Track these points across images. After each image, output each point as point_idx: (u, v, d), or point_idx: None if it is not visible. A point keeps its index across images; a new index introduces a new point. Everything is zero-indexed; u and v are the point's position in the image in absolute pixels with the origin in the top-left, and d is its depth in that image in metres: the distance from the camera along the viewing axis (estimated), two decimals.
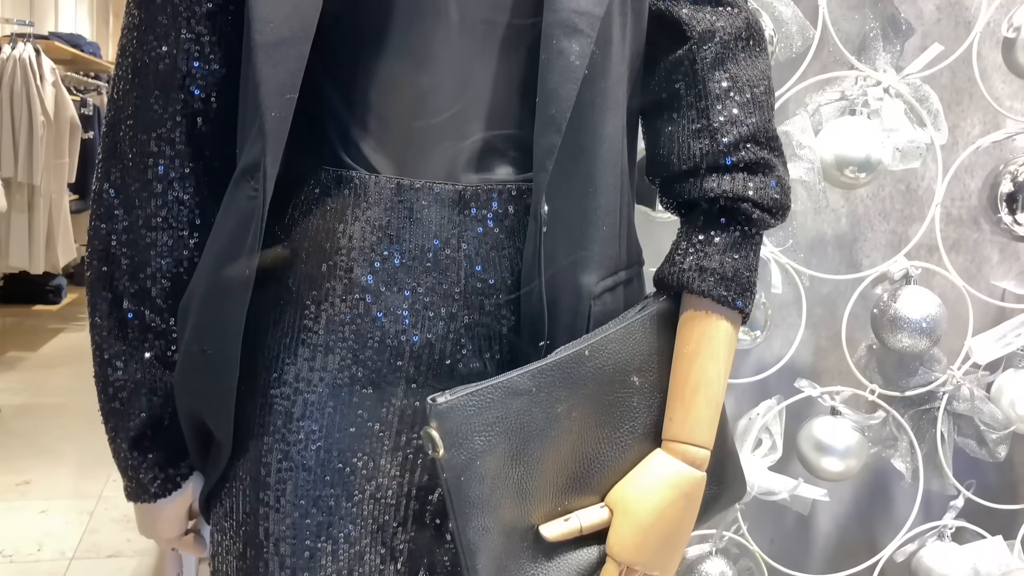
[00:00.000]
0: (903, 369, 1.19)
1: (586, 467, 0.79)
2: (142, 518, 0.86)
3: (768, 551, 1.22)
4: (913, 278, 1.17)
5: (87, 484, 3.24)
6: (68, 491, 3.18)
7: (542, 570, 0.78)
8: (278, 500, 0.77)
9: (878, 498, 1.32)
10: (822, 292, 1.35)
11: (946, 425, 1.18)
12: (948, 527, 1.22)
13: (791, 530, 1.28)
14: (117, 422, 0.82)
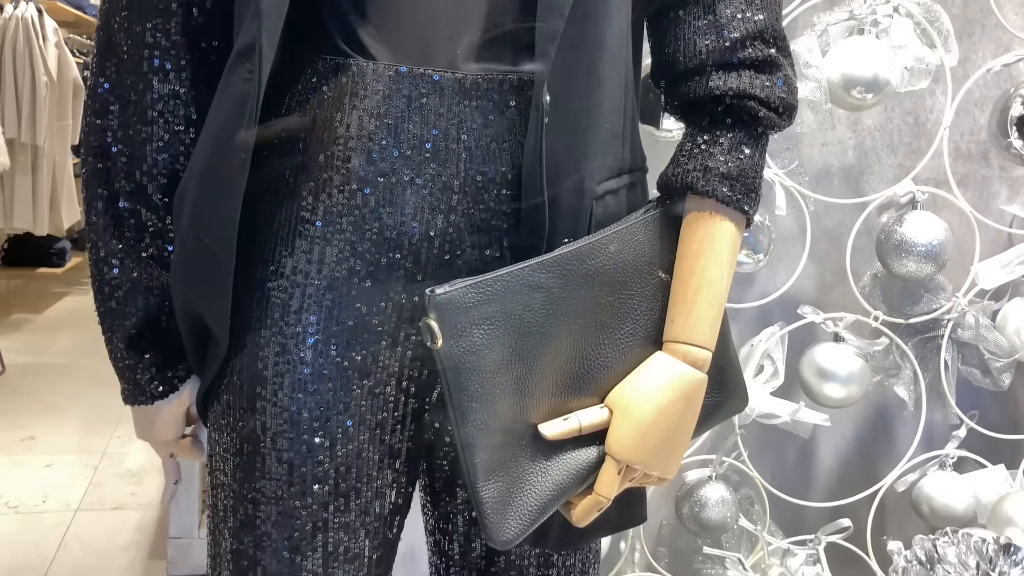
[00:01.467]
0: (908, 297, 1.18)
1: (586, 368, 0.79)
2: (139, 421, 0.86)
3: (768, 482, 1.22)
4: (920, 203, 1.15)
5: (91, 440, 3.25)
6: (73, 446, 3.20)
7: (540, 468, 0.78)
8: (275, 394, 0.77)
9: (879, 429, 1.31)
10: (828, 225, 1.34)
11: (950, 353, 1.18)
12: (950, 457, 1.21)
13: (792, 461, 1.27)
14: (113, 321, 0.81)
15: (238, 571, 0.80)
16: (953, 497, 1.16)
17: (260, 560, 0.79)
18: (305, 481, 0.77)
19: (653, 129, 1.07)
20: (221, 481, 0.81)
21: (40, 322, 4.51)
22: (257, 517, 0.79)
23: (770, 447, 1.27)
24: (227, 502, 0.81)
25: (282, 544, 0.79)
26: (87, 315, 4.34)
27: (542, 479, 0.77)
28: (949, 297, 1.19)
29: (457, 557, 0.89)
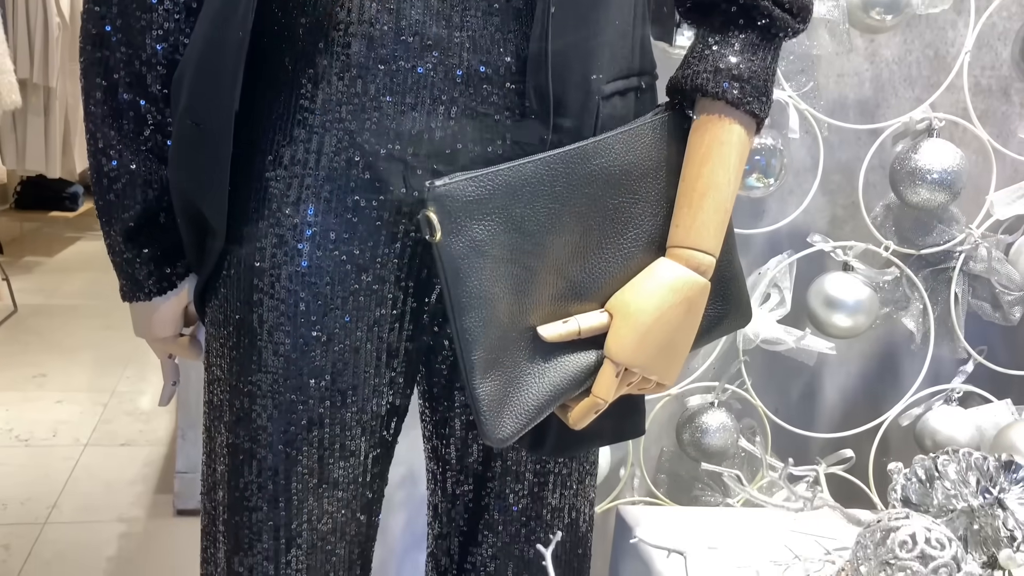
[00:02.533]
0: (920, 228, 1.16)
1: (587, 273, 0.78)
2: (137, 318, 0.86)
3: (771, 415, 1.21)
4: (936, 131, 1.13)
5: (101, 379, 3.28)
6: (83, 385, 3.23)
7: (538, 370, 0.77)
8: (272, 287, 0.76)
9: (885, 365, 1.30)
10: (840, 158, 1.32)
11: (960, 286, 1.16)
12: (956, 391, 1.20)
13: (795, 395, 1.27)
14: (111, 214, 0.81)
15: (233, 465, 0.80)
16: (957, 430, 1.15)
17: (255, 454, 0.79)
18: (302, 375, 0.77)
19: (666, 46, 1.05)
20: (217, 376, 0.81)
21: (52, 265, 4.54)
22: (253, 411, 0.79)
23: (774, 380, 1.26)
24: (223, 397, 0.81)
25: (278, 438, 0.78)
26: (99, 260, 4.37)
27: (539, 380, 0.77)
28: (962, 229, 1.17)
29: (454, 462, 0.89)
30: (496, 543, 0.89)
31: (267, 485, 0.79)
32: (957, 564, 0.77)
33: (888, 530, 0.79)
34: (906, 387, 1.23)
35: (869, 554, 0.79)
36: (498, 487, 0.88)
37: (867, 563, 0.79)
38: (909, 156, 1.12)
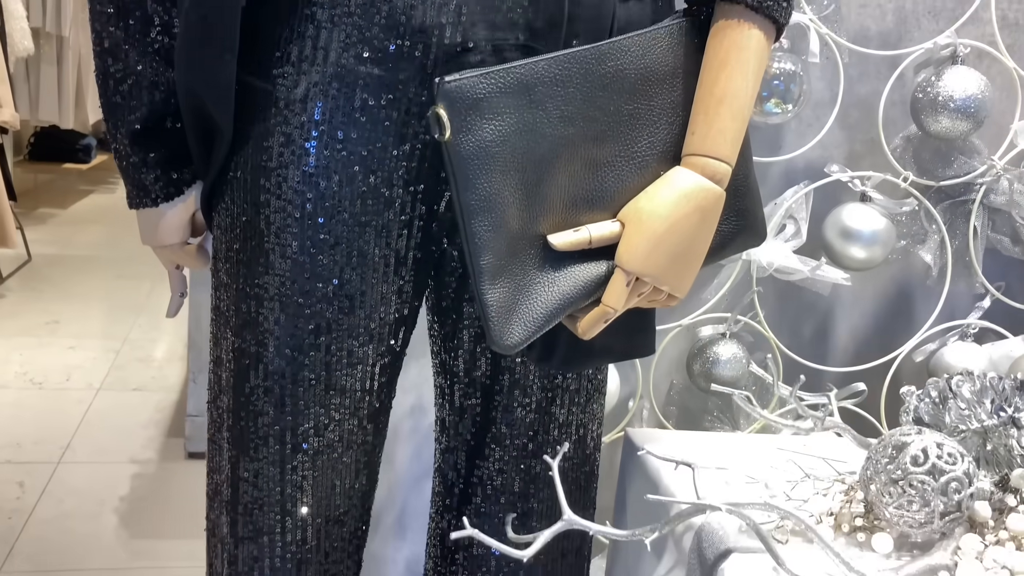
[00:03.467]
0: (941, 159, 1.13)
1: (600, 181, 0.76)
2: (144, 224, 0.85)
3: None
4: (961, 58, 1.10)
5: (114, 327, 3.30)
6: (96, 332, 3.25)
7: (548, 279, 0.76)
8: (279, 187, 0.75)
9: (900, 301, 1.28)
10: (860, 92, 1.29)
11: (980, 219, 1.14)
12: (971, 327, 1.19)
13: (808, 331, 1.25)
14: (118, 116, 0.80)
15: (239, 369, 0.80)
16: (971, 366, 1.14)
17: (262, 357, 0.79)
18: (309, 278, 0.76)
19: None
20: (224, 281, 0.81)
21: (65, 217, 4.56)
22: (260, 314, 0.78)
23: (787, 316, 1.25)
24: (230, 302, 0.80)
25: (284, 342, 0.78)
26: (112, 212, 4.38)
27: (549, 289, 0.76)
28: (984, 160, 1.14)
29: (462, 375, 0.88)
30: (503, 457, 0.89)
31: (273, 389, 0.79)
32: (969, 479, 0.76)
33: (899, 446, 0.78)
34: (921, 323, 1.22)
35: (879, 469, 0.78)
36: (506, 401, 0.87)
37: (877, 478, 0.78)
38: (932, 83, 1.09)
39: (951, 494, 0.76)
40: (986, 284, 1.19)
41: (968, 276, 1.18)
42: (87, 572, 1.96)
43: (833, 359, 1.25)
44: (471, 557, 0.92)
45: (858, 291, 1.27)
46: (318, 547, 0.85)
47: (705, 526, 0.81)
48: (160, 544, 2.09)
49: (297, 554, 0.83)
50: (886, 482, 0.78)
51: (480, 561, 0.91)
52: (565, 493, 0.76)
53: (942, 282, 1.18)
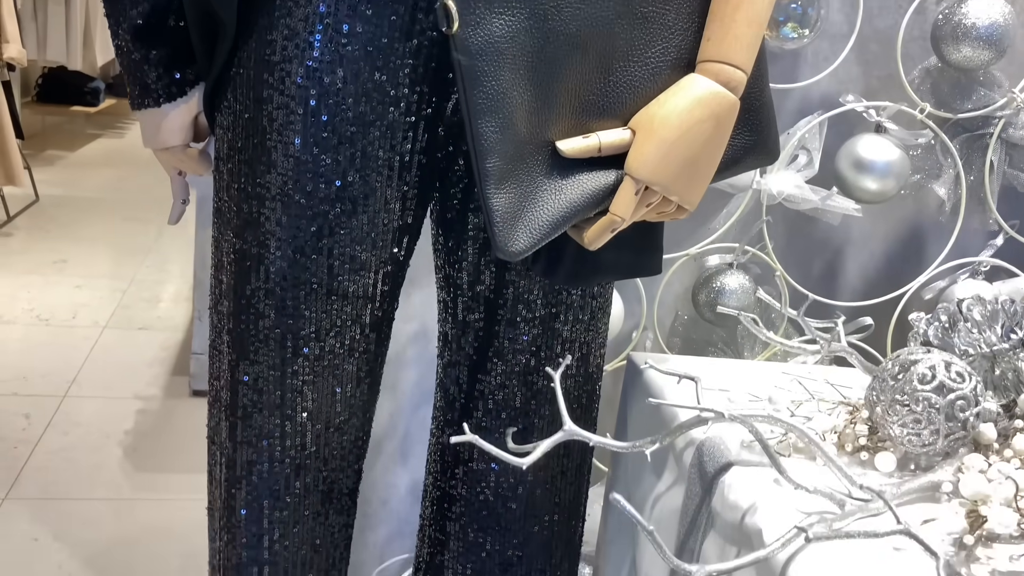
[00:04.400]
0: (959, 91, 1.11)
1: (611, 86, 0.74)
2: (146, 126, 0.84)
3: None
4: None
5: (121, 268, 3.31)
6: (102, 272, 3.25)
7: (555, 186, 0.75)
8: (282, 81, 0.74)
9: (911, 239, 1.27)
10: (879, 26, 1.26)
11: (997, 154, 1.12)
12: (983, 264, 1.17)
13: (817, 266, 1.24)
14: (118, 12, 0.78)
15: (240, 271, 0.79)
16: None
17: (263, 259, 0.78)
18: (311, 177, 0.75)
19: None
20: (226, 181, 0.80)
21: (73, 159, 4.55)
22: (261, 215, 0.77)
23: (795, 250, 1.23)
24: (231, 202, 0.79)
25: (286, 243, 0.77)
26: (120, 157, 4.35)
27: (556, 196, 0.74)
28: (1005, 92, 1.12)
29: (465, 287, 0.87)
30: (505, 371, 0.88)
31: (274, 292, 0.78)
32: (976, 398, 0.75)
33: (907, 364, 0.77)
34: (931, 261, 1.20)
35: (886, 387, 0.77)
36: (509, 315, 0.86)
37: (883, 396, 0.77)
38: (954, 10, 1.06)
39: (957, 413, 0.75)
40: (1000, 221, 1.17)
41: (982, 213, 1.16)
42: (91, 502, 1.98)
43: (841, 295, 1.24)
44: (471, 472, 0.92)
45: (868, 227, 1.25)
46: (317, 453, 0.84)
47: (706, 441, 0.81)
48: (163, 477, 2.11)
49: (296, 459, 0.83)
50: (892, 400, 0.77)
51: (480, 476, 0.91)
52: (567, 412, 0.76)
53: (955, 218, 1.17)
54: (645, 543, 0.90)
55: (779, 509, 0.70)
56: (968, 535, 0.65)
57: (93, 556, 1.78)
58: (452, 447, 0.93)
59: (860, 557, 0.64)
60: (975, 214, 1.17)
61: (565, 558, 0.96)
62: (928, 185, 1.16)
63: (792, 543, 0.63)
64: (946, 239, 1.19)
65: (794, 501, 0.71)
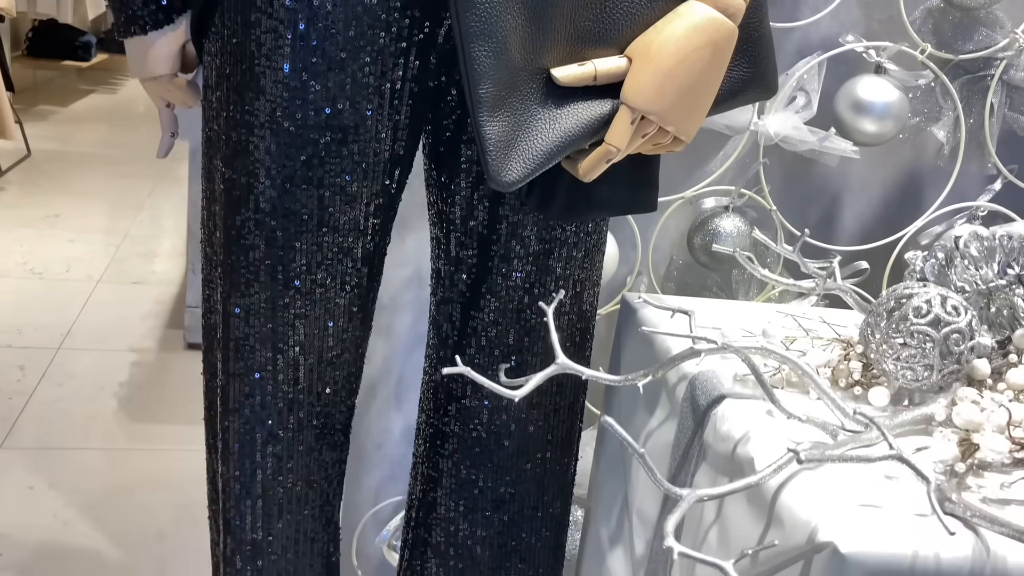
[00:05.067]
0: (961, 32, 1.09)
1: (608, 13, 0.73)
2: (133, 55, 0.82)
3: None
4: None
5: (115, 223, 3.29)
6: (96, 227, 3.24)
7: (550, 115, 0.73)
8: (270, 4, 0.72)
9: (909, 183, 1.26)
10: None
11: (998, 96, 1.11)
12: (980, 209, 1.16)
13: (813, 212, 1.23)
14: None
15: (230, 201, 0.78)
16: None
17: (253, 188, 0.77)
18: (300, 104, 0.74)
19: None
20: (215, 109, 0.78)
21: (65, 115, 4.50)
22: (250, 143, 0.76)
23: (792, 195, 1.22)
24: (220, 131, 0.78)
25: (276, 171, 0.76)
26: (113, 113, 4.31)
27: (550, 126, 0.73)
28: (1007, 33, 1.10)
29: (458, 223, 0.87)
30: (498, 308, 0.87)
31: (265, 222, 0.78)
32: (971, 332, 0.75)
33: (902, 298, 0.77)
34: (928, 207, 1.19)
35: (881, 321, 0.77)
36: (502, 251, 0.86)
37: (878, 330, 0.77)
38: None
39: (951, 347, 0.75)
40: (999, 165, 1.16)
41: (980, 157, 1.15)
42: (86, 451, 1.98)
43: (838, 240, 1.23)
44: (464, 409, 0.91)
45: (866, 172, 1.24)
46: (310, 388, 0.84)
47: (699, 375, 0.81)
48: (158, 428, 2.11)
49: (289, 393, 0.83)
50: (887, 334, 0.76)
51: (473, 413, 0.91)
52: (559, 347, 0.75)
53: (953, 162, 1.16)
54: (637, 480, 0.91)
55: (771, 440, 0.70)
56: (960, 463, 0.65)
57: (89, 504, 1.79)
58: (445, 385, 0.93)
59: (851, 485, 0.64)
60: (974, 159, 1.16)
61: (558, 496, 0.96)
62: (927, 128, 1.14)
63: (784, 470, 0.63)
64: (943, 184, 1.18)
65: (787, 432, 0.71)
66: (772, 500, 0.63)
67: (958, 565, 0.59)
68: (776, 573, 0.62)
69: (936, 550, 0.59)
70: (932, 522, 0.61)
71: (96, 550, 1.68)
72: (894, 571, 0.58)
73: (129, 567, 1.64)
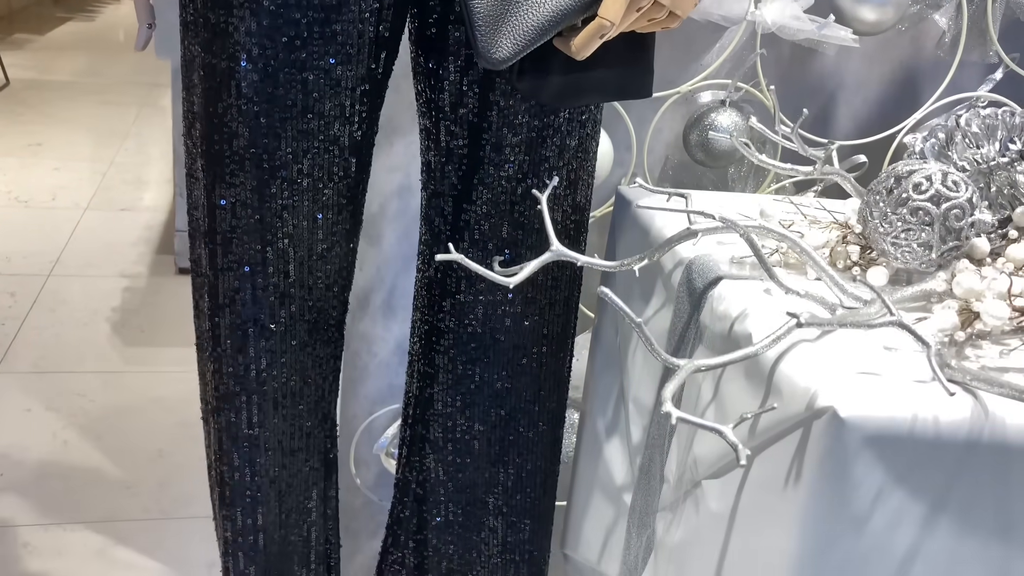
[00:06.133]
0: None
1: None
2: None
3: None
4: None
5: (100, 150, 3.24)
6: (81, 155, 3.19)
7: None
8: None
9: (908, 76, 1.23)
10: None
11: None
12: (980, 100, 1.14)
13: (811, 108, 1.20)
14: None
15: (210, 89, 0.76)
16: None
17: (234, 73, 0.74)
18: None
19: None
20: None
21: (43, 43, 4.39)
22: (230, 24, 0.73)
23: (790, 90, 1.20)
24: (198, 15, 0.75)
25: (257, 55, 0.73)
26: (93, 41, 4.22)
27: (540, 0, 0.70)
28: None
29: (447, 110, 0.84)
30: (490, 199, 0.86)
31: (248, 109, 0.75)
32: (972, 206, 0.74)
33: (901, 175, 0.75)
34: (927, 100, 1.17)
35: (880, 199, 0.76)
36: (494, 139, 0.83)
37: (877, 208, 0.76)
38: None
39: (952, 222, 0.73)
40: (1001, 53, 1.13)
41: (982, 46, 1.13)
42: (81, 374, 1.98)
43: (834, 136, 1.21)
44: (458, 304, 0.91)
45: (864, 67, 1.21)
46: (301, 282, 0.83)
47: (695, 259, 0.80)
48: (152, 351, 2.11)
49: (279, 287, 0.82)
50: (886, 212, 0.75)
51: (468, 308, 0.90)
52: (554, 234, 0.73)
53: (953, 53, 1.13)
54: (633, 368, 0.90)
55: (769, 317, 0.69)
56: (959, 332, 0.64)
57: (87, 425, 1.80)
58: (440, 280, 0.91)
59: (850, 356, 0.64)
60: (975, 48, 1.13)
61: (554, 391, 0.96)
62: (928, 16, 1.11)
63: (783, 340, 0.62)
64: (943, 78, 1.16)
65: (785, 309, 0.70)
66: (770, 372, 0.63)
67: (957, 428, 0.58)
68: (775, 443, 0.62)
69: (935, 413, 0.58)
70: (931, 388, 0.60)
71: (97, 468, 1.69)
72: (894, 435, 0.58)
73: (130, 484, 1.65)
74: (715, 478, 0.69)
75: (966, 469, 0.59)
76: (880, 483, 0.59)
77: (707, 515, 0.70)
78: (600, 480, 0.96)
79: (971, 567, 0.62)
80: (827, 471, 0.58)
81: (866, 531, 0.60)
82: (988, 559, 0.62)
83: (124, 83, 3.83)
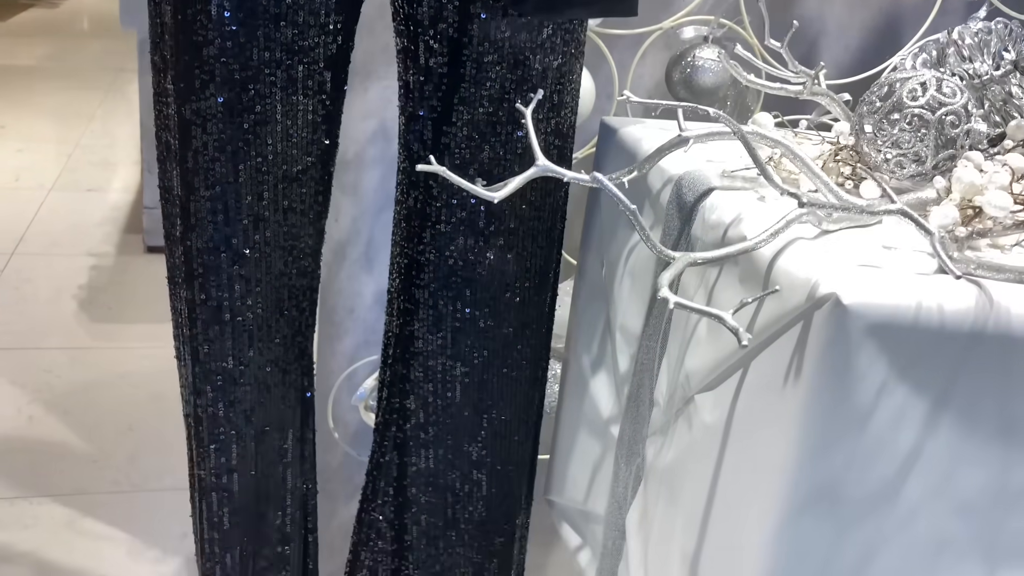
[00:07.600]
0: None
1: None
2: None
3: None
4: None
5: (65, 132, 3.16)
6: (45, 136, 3.11)
7: None
8: None
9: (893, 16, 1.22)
10: None
11: None
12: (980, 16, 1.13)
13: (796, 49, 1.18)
14: None
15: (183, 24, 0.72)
16: None
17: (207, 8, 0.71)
18: None
19: None
20: None
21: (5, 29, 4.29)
22: None
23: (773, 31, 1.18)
24: None
25: None
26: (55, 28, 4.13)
27: None
28: None
29: (427, 24, 0.80)
30: (471, 121, 0.82)
31: (218, 15, 0.71)
32: (967, 113, 0.72)
33: (895, 84, 0.74)
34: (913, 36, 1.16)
35: (873, 109, 0.74)
36: (475, 55, 0.80)
37: (870, 118, 0.74)
38: None
39: (947, 129, 0.72)
40: None
41: None
42: (47, 350, 1.93)
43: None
44: (438, 235, 0.87)
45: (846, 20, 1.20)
46: (275, 204, 0.79)
47: (685, 174, 0.77)
48: (120, 327, 2.05)
49: (253, 209, 0.78)
50: (880, 121, 0.73)
51: (448, 239, 0.87)
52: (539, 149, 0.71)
53: None
54: (620, 296, 0.88)
55: (764, 219, 0.67)
56: (960, 227, 0.62)
57: (54, 400, 1.74)
58: (419, 211, 0.88)
59: (850, 251, 0.62)
60: None
61: (537, 328, 0.93)
62: None
63: (782, 234, 0.60)
64: (927, 18, 1.15)
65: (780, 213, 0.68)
66: (768, 269, 0.61)
67: (961, 316, 0.56)
68: (774, 341, 0.59)
69: (940, 302, 0.56)
70: (934, 279, 0.58)
71: (64, 443, 1.64)
72: (898, 323, 0.56)
73: (98, 458, 1.60)
74: (709, 390, 0.67)
75: (971, 360, 0.57)
76: (883, 377, 0.56)
77: (701, 430, 0.68)
78: (586, 417, 0.94)
79: (972, 467, 0.60)
80: (829, 365, 0.56)
81: (868, 429, 0.58)
82: (989, 459, 0.60)
83: (89, 69, 3.76)
